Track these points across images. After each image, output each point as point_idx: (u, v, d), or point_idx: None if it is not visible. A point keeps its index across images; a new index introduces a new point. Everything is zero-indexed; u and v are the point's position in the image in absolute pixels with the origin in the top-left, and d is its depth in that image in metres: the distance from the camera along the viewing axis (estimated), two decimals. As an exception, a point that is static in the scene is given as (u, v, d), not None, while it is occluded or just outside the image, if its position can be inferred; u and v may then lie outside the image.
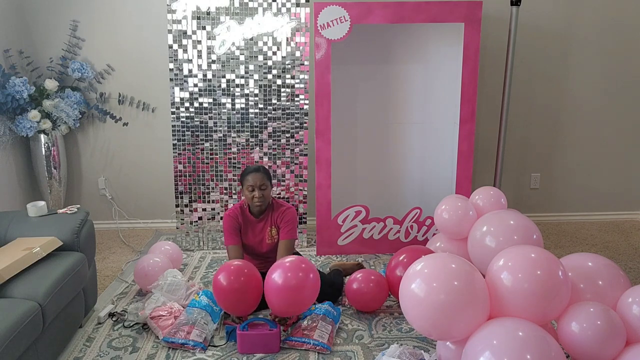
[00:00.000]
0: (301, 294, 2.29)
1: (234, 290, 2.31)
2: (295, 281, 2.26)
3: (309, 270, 2.33)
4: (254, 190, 2.62)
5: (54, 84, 3.46)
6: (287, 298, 2.28)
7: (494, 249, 2.29)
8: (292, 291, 2.27)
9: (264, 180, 2.64)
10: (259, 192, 2.62)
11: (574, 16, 3.71)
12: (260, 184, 2.62)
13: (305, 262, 2.37)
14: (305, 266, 2.33)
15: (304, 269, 2.32)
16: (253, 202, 2.65)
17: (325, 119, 3.22)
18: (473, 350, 1.70)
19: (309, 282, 2.31)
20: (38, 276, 2.12)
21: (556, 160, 4.00)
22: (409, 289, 1.85)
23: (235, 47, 3.31)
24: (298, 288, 2.27)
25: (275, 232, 2.74)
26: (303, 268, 2.31)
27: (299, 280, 2.28)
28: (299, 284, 2.27)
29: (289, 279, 2.26)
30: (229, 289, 2.31)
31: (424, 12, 3.13)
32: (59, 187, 3.69)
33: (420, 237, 3.44)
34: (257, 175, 2.63)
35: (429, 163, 3.61)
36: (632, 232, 3.84)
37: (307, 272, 2.32)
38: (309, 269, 2.34)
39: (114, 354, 2.30)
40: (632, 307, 1.82)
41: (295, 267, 2.30)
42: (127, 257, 3.44)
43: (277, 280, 2.28)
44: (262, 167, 2.70)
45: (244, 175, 2.66)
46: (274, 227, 2.74)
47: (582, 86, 3.85)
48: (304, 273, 2.30)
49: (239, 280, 2.32)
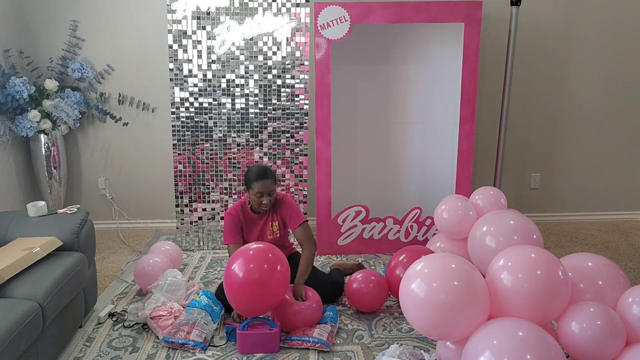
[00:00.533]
0: (266, 289, 2.23)
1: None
2: (258, 275, 2.20)
3: (276, 261, 2.27)
4: (262, 197, 2.56)
5: (54, 84, 3.46)
6: (250, 294, 2.22)
7: (494, 249, 2.29)
8: (255, 286, 2.20)
9: (272, 186, 2.58)
10: (267, 199, 2.57)
11: (574, 16, 3.71)
12: (269, 191, 2.56)
13: (273, 250, 2.32)
14: (273, 256, 2.27)
15: (271, 259, 2.26)
16: (260, 207, 2.62)
17: (325, 119, 3.22)
18: (473, 350, 1.70)
19: (275, 276, 2.25)
20: (38, 276, 2.12)
21: (556, 160, 4.00)
22: (409, 289, 1.85)
23: (235, 47, 3.31)
24: (262, 282, 2.21)
25: (277, 227, 2.72)
26: (270, 258, 2.26)
27: (263, 274, 2.21)
28: (262, 278, 2.21)
29: (251, 271, 2.20)
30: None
31: (424, 12, 3.13)
32: (59, 187, 3.69)
33: (420, 237, 3.44)
34: (267, 183, 2.55)
35: (429, 163, 3.61)
36: (632, 232, 3.84)
37: (273, 263, 2.25)
38: (276, 259, 2.27)
39: (114, 354, 2.30)
40: (632, 307, 1.82)
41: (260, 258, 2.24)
42: (127, 257, 3.44)
43: (238, 273, 2.20)
44: (269, 172, 2.60)
45: (252, 181, 2.56)
46: (275, 223, 2.71)
47: (582, 86, 3.85)
48: (268, 265, 2.24)
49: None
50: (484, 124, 3.83)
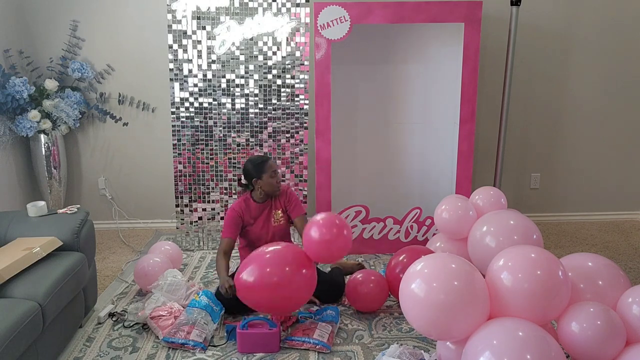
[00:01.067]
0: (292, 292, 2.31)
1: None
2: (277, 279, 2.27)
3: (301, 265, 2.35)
4: (276, 174, 2.71)
5: (54, 84, 3.46)
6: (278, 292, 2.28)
7: (494, 249, 2.29)
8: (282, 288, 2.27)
9: (276, 164, 2.79)
10: (279, 177, 2.75)
11: (574, 16, 3.71)
12: (278, 169, 2.76)
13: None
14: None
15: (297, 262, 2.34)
16: (276, 186, 2.73)
17: (325, 119, 3.22)
18: (473, 350, 1.70)
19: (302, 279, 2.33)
20: (38, 276, 2.12)
21: (556, 160, 4.00)
22: (409, 289, 1.85)
23: (235, 47, 3.31)
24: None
25: (280, 214, 2.79)
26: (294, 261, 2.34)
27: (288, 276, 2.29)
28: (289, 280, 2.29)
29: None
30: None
31: (424, 12, 3.13)
32: (59, 187, 3.69)
33: (420, 237, 3.44)
34: (273, 162, 2.75)
35: (429, 163, 3.61)
36: (632, 232, 3.84)
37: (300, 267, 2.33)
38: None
39: (114, 354, 2.30)
40: (632, 307, 1.82)
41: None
42: (127, 257, 3.44)
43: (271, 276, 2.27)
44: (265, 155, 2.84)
45: (263, 164, 2.70)
46: (278, 211, 2.79)
47: (582, 86, 3.85)
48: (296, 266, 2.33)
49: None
50: (484, 124, 3.83)
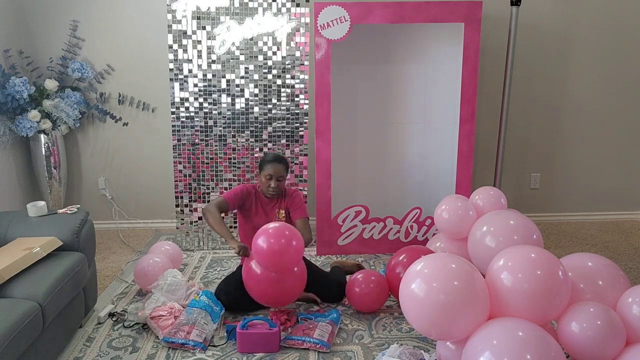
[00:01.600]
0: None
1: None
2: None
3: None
4: (271, 179, 2.67)
5: (54, 84, 3.46)
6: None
7: (494, 249, 2.29)
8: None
9: (283, 172, 2.70)
10: (275, 183, 2.68)
11: (574, 16, 3.71)
12: (278, 176, 2.68)
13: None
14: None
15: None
16: (268, 190, 2.71)
17: (325, 119, 3.22)
18: (473, 350, 1.70)
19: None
20: (38, 276, 2.12)
21: (556, 160, 4.00)
22: (409, 289, 1.85)
23: (235, 47, 3.31)
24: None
25: (283, 214, 2.79)
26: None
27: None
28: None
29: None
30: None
31: (424, 12, 3.13)
32: (59, 187, 3.69)
33: (420, 237, 3.44)
34: (278, 166, 2.68)
35: (429, 163, 3.61)
36: (632, 232, 3.84)
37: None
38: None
39: (114, 354, 2.30)
40: (632, 307, 1.82)
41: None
42: (127, 257, 3.44)
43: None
44: (283, 159, 2.75)
45: (264, 163, 2.70)
46: (282, 210, 2.79)
47: (582, 86, 3.85)
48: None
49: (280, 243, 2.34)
50: (484, 124, 3.83)
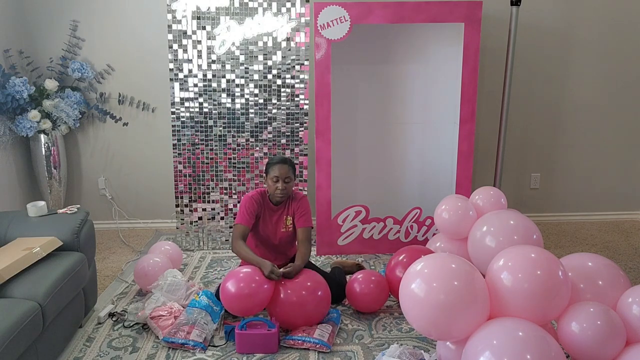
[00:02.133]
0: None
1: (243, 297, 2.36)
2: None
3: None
4: (278, 181, 2.62)
5: (54, 84, 3.46)
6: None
7: (494, 249, 2.29)
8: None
9: (289, 173, 2.64)
10: (283, 184, 2.62)
11: (574, 16, 3.71)
12: (285, 177, 2.62)
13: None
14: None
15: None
16: (275, 193, 2.65)
17: (325, 119, 3.22)
18: (473, 351, 1.70)
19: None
20: (38, 276, 2.12)
21: (556, 160, 4.00)
22: (409, 289, 1.85)
23: (235, 47, 3.31)
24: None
25: (290, 221, 2.74)
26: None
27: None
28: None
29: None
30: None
31: (424, 12, 3.13)
32: (59, 187, 3.69)
33: (420, 237, 3.44)
34: (284, 167, 2.62)
35: (429, 163, 3.61)
36: (632, 232, 3.84)
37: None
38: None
39: (114, 354, 2.30)
40: (632, 307, 1.82)
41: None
42: (127, 257, 3.44)
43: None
44: (289, 160, 2.69)
45: (270, 165, 2.65)
46: (289, 217, 2.74)
47: (582, 86, 3.85)
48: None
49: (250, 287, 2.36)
50: (484, 124, 3.83)
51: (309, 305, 2.40)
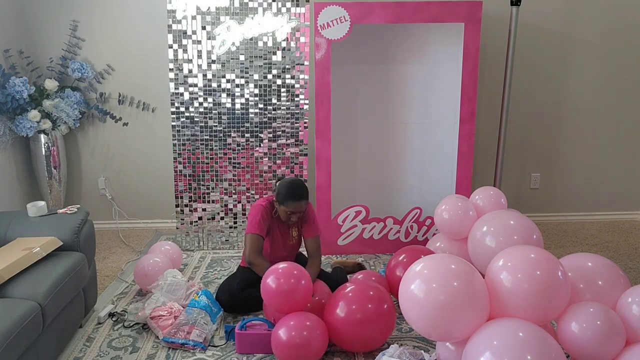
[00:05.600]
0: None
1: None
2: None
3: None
4: (292, 214, 2.56)
5: (54, 84, 3.46)
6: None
7: (494, 249, 2.29)
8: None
9: (305, 206, 2.59)
10: (297, 217, 2.59)
11: (574, 16, 3.71)
12: (299, 212, 2.57)
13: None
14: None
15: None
16: (286, 220, 2.62)
17: (325, 119, 3.22)
18: (473, 351, 1.70)
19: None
20: (38, 276, 2.12)
21: (556, 160, 4.00)
22: (408, 289, 1.85)
23: (235, 47, 3.31)
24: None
25: (296, 233, 2.74)
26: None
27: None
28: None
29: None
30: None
31: (424, 12, 3.13)
32: (59, 187, 3.69)
33: (420, 237, 3.44)
34: (300, 204, 2.54)
35: (429, 163, 3.61)
36: (632, 232, 3.84)
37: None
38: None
39: (114, 354, 2.30)
40: (632, 307, 1.82)
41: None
42: (127, 257, 3.44)
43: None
44: (305, 192, 2.57)
45: (287, 199, 2.52)
46: (295, 229, 2.73)
47: (582, 86, 3.85)
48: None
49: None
50: (484, 124, 3.83)
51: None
